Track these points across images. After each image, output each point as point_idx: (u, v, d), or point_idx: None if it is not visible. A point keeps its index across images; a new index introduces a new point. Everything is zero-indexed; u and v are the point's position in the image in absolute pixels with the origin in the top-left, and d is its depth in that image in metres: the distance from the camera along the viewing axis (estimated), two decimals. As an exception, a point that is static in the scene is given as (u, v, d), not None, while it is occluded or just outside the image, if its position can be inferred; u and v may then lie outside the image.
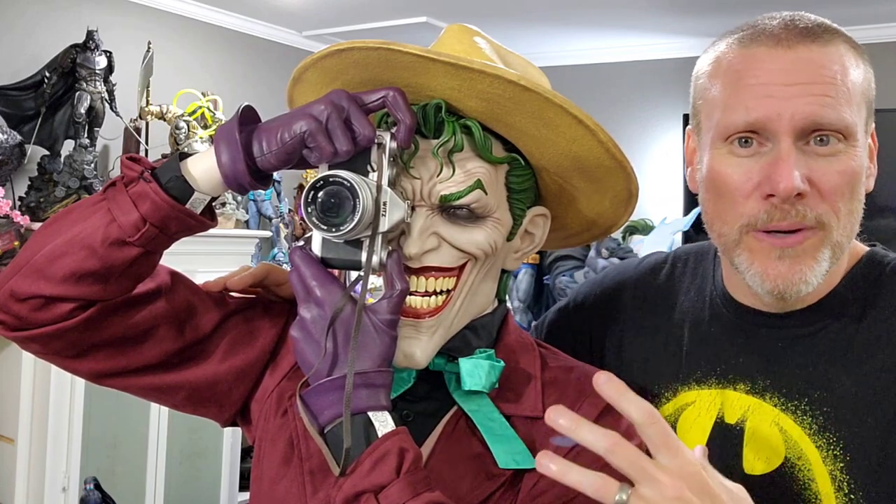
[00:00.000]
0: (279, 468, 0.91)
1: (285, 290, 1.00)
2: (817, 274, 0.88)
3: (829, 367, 0.91)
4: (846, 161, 0.86)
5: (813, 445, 0.89)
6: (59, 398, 2.77)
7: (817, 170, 0.86)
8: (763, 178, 0.87)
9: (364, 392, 0.80)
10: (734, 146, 0.89)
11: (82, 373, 0.91)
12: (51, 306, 0.83)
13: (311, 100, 0.92)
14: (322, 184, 0.81)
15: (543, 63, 2.66)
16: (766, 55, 0.88)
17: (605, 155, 0.90)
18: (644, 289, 1.09)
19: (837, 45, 0.88)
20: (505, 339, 0.95)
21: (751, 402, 0.94)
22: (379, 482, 0.76)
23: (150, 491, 3.14)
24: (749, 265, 0.90)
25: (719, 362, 0.97)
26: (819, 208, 0.86)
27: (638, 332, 1.06)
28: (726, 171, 0.90)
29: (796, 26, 0.89)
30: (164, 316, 0.90)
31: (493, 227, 0.90)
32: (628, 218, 1.00)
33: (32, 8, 3.33)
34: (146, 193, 0.81)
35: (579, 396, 0.90)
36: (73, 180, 3.07)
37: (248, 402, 0.98)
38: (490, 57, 0.93)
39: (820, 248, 0.87)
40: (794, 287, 0.88)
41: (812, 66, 0.86)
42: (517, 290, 3.85)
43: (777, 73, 0.86)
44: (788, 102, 0.85)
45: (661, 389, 1.00)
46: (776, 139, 0.86)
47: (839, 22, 0.95)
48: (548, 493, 0.84)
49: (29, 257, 0.83)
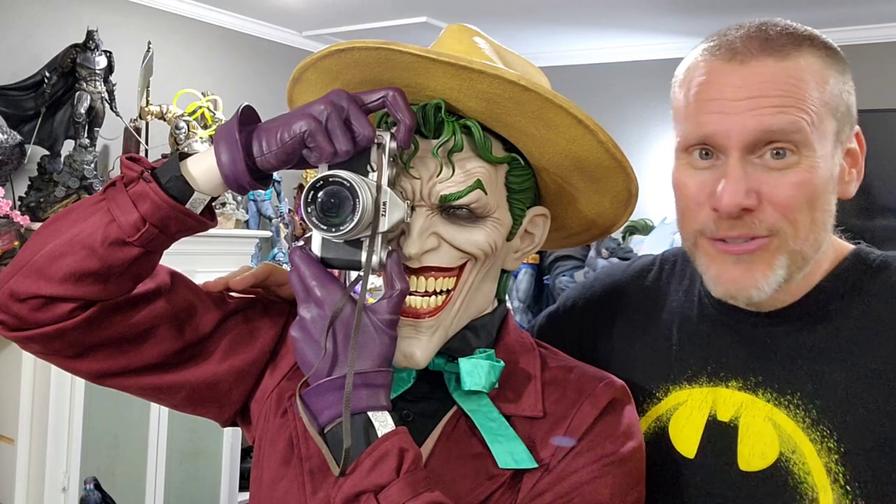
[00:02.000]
0: (279, 468, 0.91)
1: (286, 291, 1.00)
2: (771, 282, 0.89)
3: (818, 359, 0.92)
4: (801, 173, 0.87)
5: (807, 439, 0.90)
6: (59, 398, 2.77)
7: (768, 183, 0.87)
8: (711, 192, 0.89)
9: (364, 392, 0.80)
10: (693, 158, 0.92)
11: (82, 373, 0.91)
12: (51, 306, 0.83)
13: (311, 100, 0.92)
14: (322, 184, 0.81)
15: (543, 63, 2.66)
16: (721, 70, 0.89)
17: (605, 155, 0.90)
18: (633, 292, 1.10)
19: (797, 59, 0.88)
20: (505, 339, 0.95)
21: (743, 398, 0.95)
22: (379, 482, 0.76)
23: (150, 491, 3.14)
24: (706, 269, 0.93)
25: (709, 360, 0.98)
26: (770, 219, 0.88)
27: (628, 335, 1.07)
28: (684, 182, 0.93)
29: (758, 37, 0.89)
30: (164, 316, 0.90)
31: (493, 227, 0.90)
32: (628, 218, 1.00)
33: (32, 8, 3.33)
34: (146, 193, 0.81)
35: (579, 396, 0.90)
36: (73, 180, 3.07)
37: (247, 402, 0.98)
38: (490, 57, 0.93)
39: (775, 255, 0.89)
40: (745, 292, 0.90)
41: (765, 80, 0.87)
42: (517, 290, 3.85)
43: (728, 89, 0.88)
44: (737, 118, 0.86)
45: (654, 390, 1.01)
46: (726, 154, 0.88)
47: (839, 22, 0.95)
48: (547, 492, 0.85)
49: (29, 257, 0.83)
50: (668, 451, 0.97)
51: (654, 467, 0.95)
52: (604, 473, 0.85)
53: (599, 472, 0.85)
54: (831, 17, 3.71)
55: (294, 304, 0.86)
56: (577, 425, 0.87)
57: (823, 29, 0.94)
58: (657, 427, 0.99)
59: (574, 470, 0.85)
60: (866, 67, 3.87)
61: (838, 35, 3.62)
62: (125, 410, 2.99)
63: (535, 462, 0.86)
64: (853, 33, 3.81)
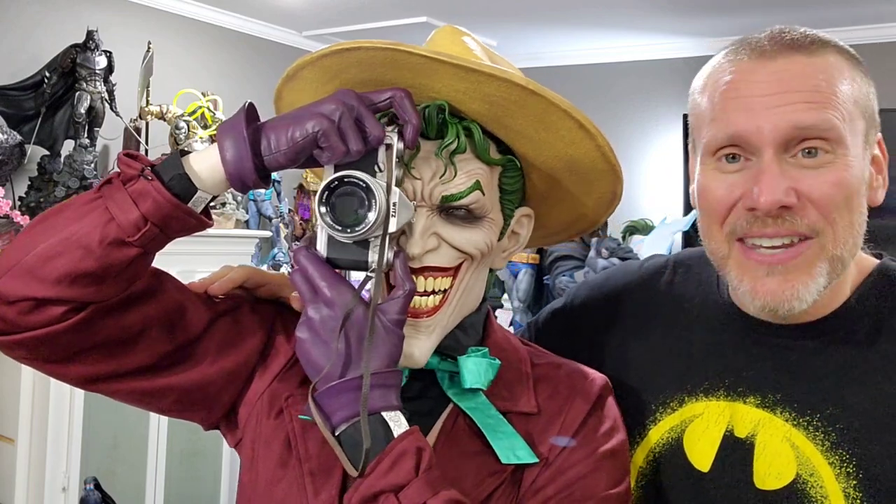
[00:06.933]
0: (276, 470, 0.90)
1: (265, 292, 0.99)
2: (812, 290, 0.85)
3: (841, 382, 0.89)
4: (838, 171, 0.84)
5: (826, 462, 0.87)
6: (59, 398, 2.77)
7: (805, 181, 0.84)
8: (745, 192, 0.85)
9: (378, 392, 0.80)
10: (721, 162, 0.88)
11: (70, 378, 0.87)
12: (42, 309, 0.79)
13: (304, 97, 0.92)
14: (337, 184, 0.81)
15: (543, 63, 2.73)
16: (748, 67, 0.87)
17: (600, 158, 0.90)
18: (647, 294, 1.08)
19: (825, 56, 0.86)
20: (493, 337, 0.96)
21: (761, 415, 0.92)
22: (397, 482, 0.76)
23: (150, 491, 3.13)
24: (739, 282, 0.89)
25: (728, 374, 0.95)
26: (810, 217, 0.84)
27: (641, 338, 1.04)
28: (712, 186, 0.89)
29: (782, 38, 0.87)
30: (155, 317, 0.87)
31: (489, 228, 0.91)
32: (607, 218, 1.01)
33: (32, 8, 3.33)
34: (147, 192, 0.78)
35: (571, 392, 0.92)
36: (73, 180, 3.06)
37: (235, 404, 0.96)
38: (482, 58, 0.93)
39: (815, 263, 0.85)
40: (786, 304, 0.86)
41: (794, 75, 0.84)
42: (517, 290, 3.85)
43: (758, 86, 0.85)
44: (769, 114, 0.83)
45: (666, 398, 0.99)
46: (759, 153, 0.85)
47: (840, 22, 0.95)
48: (548, 486, 0.86)
49: (19, 257, 0.79)
50: (682, 464, 0.95)
51: (669, 479, 0.94)
52: (599, 467, 0.87)
53: (595, 465, 0.87)
54: (835, 17, 3.71)
55: (279, 304, 0.85)
56: (572, 421, 0.89)
57: (827, 29, 0.94)
58: (671, 438, 0.97)
59: (572, 464, 0.87)
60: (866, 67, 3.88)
61: (841, 35, 3.63)
62: (125, 410, 2.96)
63: (536, 457, 0.87)
64: (853, 33, 3.80)
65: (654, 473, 0.97)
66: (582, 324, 1.11)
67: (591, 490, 0.86)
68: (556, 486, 0.86)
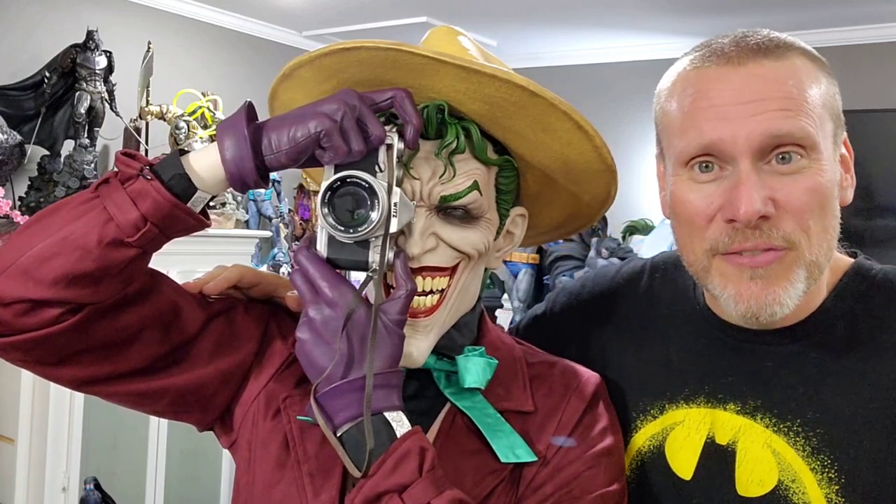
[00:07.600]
0: (274, 472, 0.90)
1: (259, 292, 0.99)
2: (792, 296, 0.86)
3: (820, 386, 0.89)
4: (812, 177, 0.84)
5: (807, 468, 0.87)
6: (59, 398, 2.77)
7: (781, 189, 0.83)
8: (724, 203, 0.85)
9: (380, 392, 0.80)
10: (694, 172, 0.88)
11: (64, 380, 0.86)
12: (38, 310, 0.77)
13: (300, 96, 0.92)
14: (339, 184, 0.81)
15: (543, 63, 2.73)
16: (717, 75, 0.86)
17: (596, 159, 0.91)
18: (625, 301, 1.07)
19: (791, 59, 0.86)
20: (488, 337, 0.96)
21: (742, 422, 0.92)
22: (402, 482, 0.76)
23: (150, 491, 3.13)
24: (723, 289, 0.88)
25: (707, 380, 0.95)
26: (786, 227, 0.84)
27: (621, 345, 1.04)
28: (688, 198, 0.88)
29: (747, 43, 0.86)
30: (151, 318, 0.86)
31: (486, 227, 0.91)
32: (599, 217, 1.01)
33: (32, 8, 3.33)
34: (147, 191, 0.77)
35: (567, 390, 0.92)
36: (73, 180, 3.06)
37: (230, 405, 0.95)
38: (478, 58, 0.93)
39: (793, 269, 0.85)
40: (768, 309, 0.86)
41: (765, 81, 0.84)
42: (517, 290, 3.85)
43: (729, 93, 0.84)
44: (743, 122, 0.83)
45: (646, 406, 0.98)
46: (734, 162, 0.84)
47: (839, 22, 0.95)
48: (547, 484, 0.87)
49: (14, 258, 0.78)
50: (665, 472, 0.95)
51: (652, 487, 0.94)
52: (596, 464, 0.88)
53: (593, 463, 0.88)
54: (831, 17, 3.71)
55: (273, 305, 0.85)
56: (568, 419, 0.90)
57: (822, 29, 0.94)
58: (653, 446, 0.97)
59: (570, 461, 0.88)
60: (866, 67, 3.86)
61: (837, 35, 3.61)
62: (125, 410, 2.96)
63: (535, 455, 0.87)
64: (853, 33, 3.81)
65: (638, 481, 0.97)
66: (559, 331, 1.11)
67: (589, 487, 0.86)
68: (555, 483, 0.86)
